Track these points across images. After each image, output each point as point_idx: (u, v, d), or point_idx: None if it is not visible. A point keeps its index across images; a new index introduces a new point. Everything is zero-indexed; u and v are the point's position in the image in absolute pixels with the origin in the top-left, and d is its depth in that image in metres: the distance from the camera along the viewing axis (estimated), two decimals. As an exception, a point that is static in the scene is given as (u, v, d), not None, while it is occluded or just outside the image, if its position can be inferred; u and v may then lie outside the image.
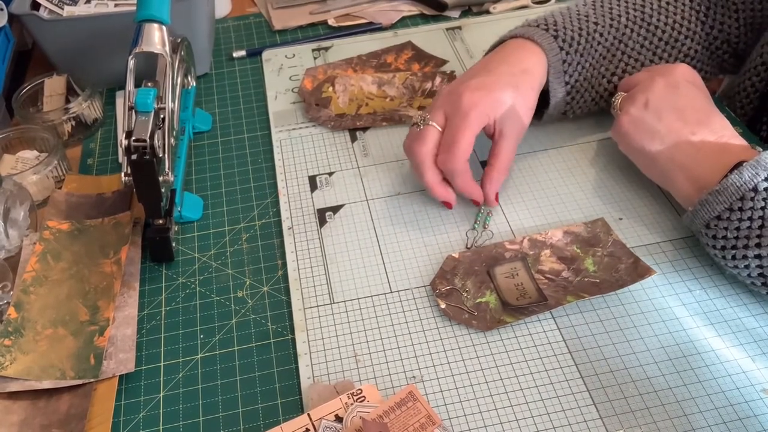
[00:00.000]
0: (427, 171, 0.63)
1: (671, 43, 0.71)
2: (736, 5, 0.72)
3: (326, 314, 0.59)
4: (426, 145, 0.63)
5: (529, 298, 0.57)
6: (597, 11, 0.71)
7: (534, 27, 0.69)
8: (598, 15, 0.70)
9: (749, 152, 0.57)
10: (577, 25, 0.69)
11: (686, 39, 0.72)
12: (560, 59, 0.67)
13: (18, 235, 0.65)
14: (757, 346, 0.54)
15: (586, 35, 0.68)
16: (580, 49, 0.68)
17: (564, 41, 0.67)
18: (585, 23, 0.69)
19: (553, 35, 0.67)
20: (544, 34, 0.67)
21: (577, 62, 0.68)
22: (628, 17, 0.70)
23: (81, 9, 0.80)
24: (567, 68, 0.68)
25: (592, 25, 0.69)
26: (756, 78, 0.71)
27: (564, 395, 0.52)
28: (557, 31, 0.68)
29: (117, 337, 0.57)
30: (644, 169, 0.63)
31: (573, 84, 0.69)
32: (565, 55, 0.67)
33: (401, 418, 0.49)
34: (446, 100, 0.64)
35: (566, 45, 0.67)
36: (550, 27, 0.68)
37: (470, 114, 0.61)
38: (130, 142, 0.57)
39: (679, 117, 0.60)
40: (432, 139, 0.63)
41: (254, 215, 0.69)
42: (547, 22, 0.69)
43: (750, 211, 0.54)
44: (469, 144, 0.61)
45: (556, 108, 0.70)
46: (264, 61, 0.87)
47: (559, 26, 0.68)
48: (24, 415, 0.53)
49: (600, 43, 0.69)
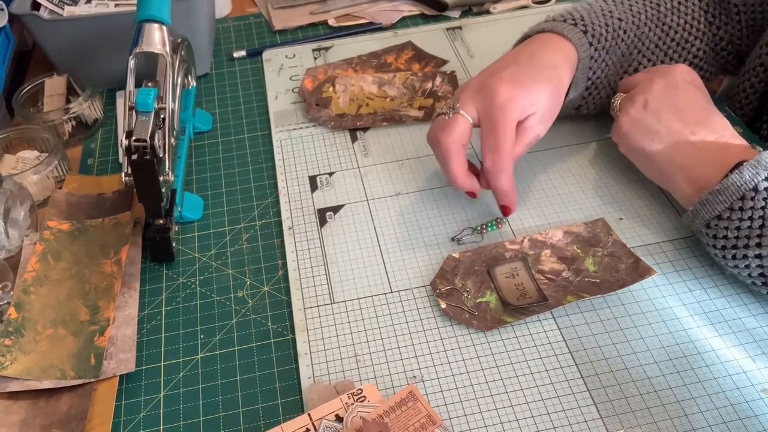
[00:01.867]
0: (453, 160, 0.61)
1: (682, 44, 0.71)
2: (737, 7, 0.71)
3: (326, 314, 0.59)
4: (454, 133, 0.61)
5: (529, 298, 0.57)
6: (618, 7, 0.69)
7: (561, 22, 0.66)
8: (620, 11, 0.69)
9: (749, 152, 0.57)
10: (603, 21, 0.67)
11: (695, 40, 0.71)
12: (589, 55, 0.65)
13: (18, 235, 0.65)
14: (758, 346, 0.54)
15: (612, 31, 0.67)
16: (606, 46, 0.66)
17: (593, 36, 0.65)
18: (610, 19, 0.67)
19: (582, 30, 0.65)
20: (573, 29, 0.65)
21: (602, 59, 0.67)
22: (646, 15, 0.69)
23: (81, 9, 0.80)
24: (593, 64, 0.66)
25: (616, 21, 0.67)
26: (755, 79, 0.72)
27: (564, 395, 0.52)
28: (585, 26, 0.66)
29: (117, 337, 0.57)
30: (644, 169, 0.63)
31: (594, 80, 0.68)
32: (594, 51, 0.66)
33: (401, 418, 0.49)
34: (476, 93, 0.61)
35: (595, 41, 0.66)
36: (578, 22, 0.66)
37: (508, 109, 0.59)
38: (130, 142, 0.57)
39: (679, 117, 0.60)
40: (462, 128, 0.61)
41: (254, 215, 0.69)
42: (574, 17, 0.67)
43: (750, 211, 0.54)
44: (512, 140, 0.59)
45: (571, 102, 0.69)
46: (264, 61, 0.88)
47: (587, 21, 0.66)
48: (24, 415, 0.53)
49: (623, 41, 0.68)
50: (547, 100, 0.61)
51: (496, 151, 0.60)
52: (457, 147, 0.61)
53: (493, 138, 0.60)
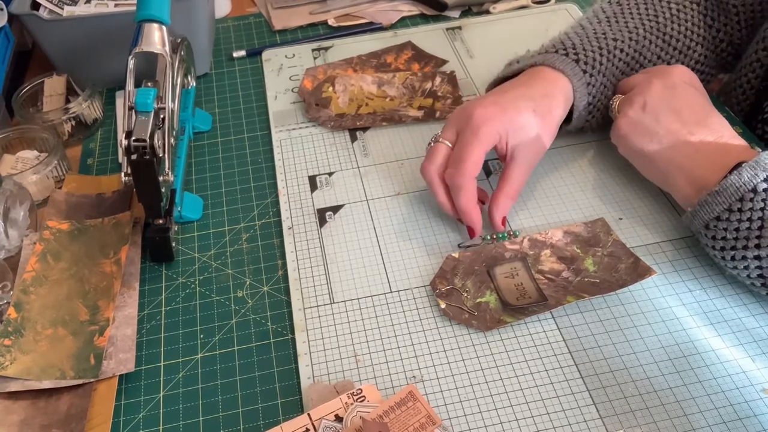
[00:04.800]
0: (436, 189, 0.62)
1: (684, 51, 0.71)
2: (736, 8, 0.72)
3: (326, 314, 0.59)
4: (434, 162, 0.62)
5: (529, 298, 0.57)
6: (613, 27, 0.69)
7: (553, 53, 0.66)
8: (615, 30, 0.69)
9: (748, 152, 0.57)
10: (597, 44, 0.67)
11: (697, 45, 0.72)
12: (585, 82, 0.66)
13: (18, 235, 0.65)
14: (757, 346, 0.54)
15: (606, 53, 0.67)
16: (603, 70, 0.67)
17: (586, 63, 0.66)
18: (604, 41, 0.68)
19: (574, 59, 0.65)
20: (565, 59, 0.65)
21: (600, 83, 0.67)
22: (645, 28, 0.69)
23: (81, 9, 0.80)
24: (591, 90, 0.66)
25: (611, 42, 0.68)
26: (752, 74, 0.72)
27: (564, 395, 0.52)
28: (577, 54, 0.66)
29: (117, 337, 0.57)
30: (644, 170, 0.63)
31: (593, 102, 0.68)
32: (589, 77, 0.66)
33: (401, 418, 0.49)
34: (458, 117, 0.62)
35: (588, 67, 0.66)
36: (570, 51, 0.66)
37: (481, 129, 0.60)
38: (130, 142, 0.57)
39: (677, 118, 0.60)
40: (441, 155, 0.62)
41: (254, 215, 0.69)
42: (565, 45, 0.67)
43: (749, 212, 0.54)
44: (477, 159, 0.59)
45: (577, 124, 0.69)
46: (264, 61, 0.87)
47: (579, 49, 0.66)
48: (24, 415, 0.53)
49: (621, 59, 0.68)
50: (528, 125, 0.61)
51: (456, 166, 0.60)
52: (437, 176, 0.62)
53: (457, 153, 0.60)
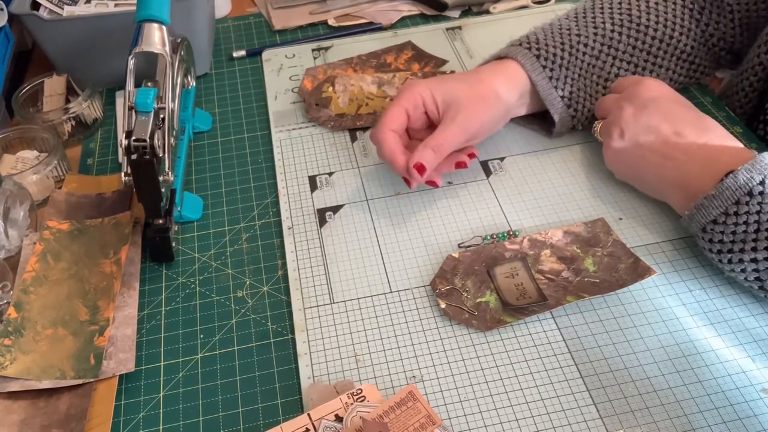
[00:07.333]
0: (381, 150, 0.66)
1: (666, 40, 0.72)
2: (731, 6, 0.72)
3: (326, 314, 0.59)
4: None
5: (529, 298, 0.57)
6: (580, 23, 0.71)
7: (516, 46, 0.70)
8: (581, 26, 0.71)
9: (736, 153, 0.57)
10: (559, 40, 0.69)
11: (681, 36, 0.72)
12: (545, 77, 0.68)
13: (18, 235, 0.65)
14: (757, 345, 0.54)
15: (569, 48, 0.69)
16: (564, 63, 0.69)
17: (546, 59, 0.68)
18: (567, 37, 0.70)
19: (536, 54, 0.68)
20: (527, 53, 0.68)
21: (564, 76, 0.69)
22: (613, 22, 0.71)
23: (81, 9, 0.80)
24: (557, 84, 0.68)
25: (574, 38, 0.70)
26: (754, 78, 0.72)
27: (564, 395, 0.52)
28: (539, 49, 0.68)
29: (117, 337, 0.57)
30: (641, 190, 0.65)
31: (570, 96, 0.69)
32: (550, 72, 0.68)
33: (401, 418, 0.49)
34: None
35: (549, 62, 0.68)
36: (533, 45, 0.69)
37: (403, 92, 0.65)
38: (130, 142, 0.57)
39: (657, 137, 0.60)
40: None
41: (254, 215, 0.69)
42: (529, 40, 0.70)
43: (746, 216, 0.54)
44: (393, 114, 0.64)
45: (563, 124, 0.70)
46: (264, 61, 0.87)
47: (541, 44, 0.69)
48: (24, 415, 0.53)
49: (585, 53, 0.70)
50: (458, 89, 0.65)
51: (375, 125, 0.66)
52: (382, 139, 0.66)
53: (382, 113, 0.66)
